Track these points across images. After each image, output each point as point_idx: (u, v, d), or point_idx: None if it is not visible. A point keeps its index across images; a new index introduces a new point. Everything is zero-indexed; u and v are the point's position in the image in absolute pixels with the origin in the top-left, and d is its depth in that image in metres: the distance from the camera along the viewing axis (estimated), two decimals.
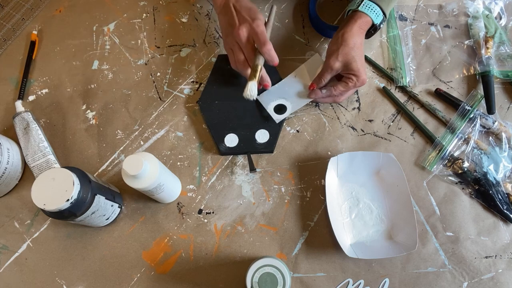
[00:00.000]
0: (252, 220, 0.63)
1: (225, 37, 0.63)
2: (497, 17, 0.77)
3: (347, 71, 0.63)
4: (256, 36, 0.58)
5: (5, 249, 0.62)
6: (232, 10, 0.61)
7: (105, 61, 0.74)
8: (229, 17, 0.61)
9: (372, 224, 0.62)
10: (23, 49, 0.75)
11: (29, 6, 0.79)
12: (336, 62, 0.63)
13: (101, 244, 0.62)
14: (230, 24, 0.61)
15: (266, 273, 0.49)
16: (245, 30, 0.59)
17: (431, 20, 0.77)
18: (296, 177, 0.66)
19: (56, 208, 0.48)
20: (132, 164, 0.50)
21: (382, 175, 0.64)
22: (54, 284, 0.60)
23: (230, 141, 0.67)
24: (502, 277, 0.59)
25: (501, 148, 0.66)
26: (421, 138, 0.68)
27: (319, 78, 0.66)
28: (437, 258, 0.60)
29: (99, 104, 0.71)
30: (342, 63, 0.63)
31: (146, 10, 0.79)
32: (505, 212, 0.62)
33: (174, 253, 0.61)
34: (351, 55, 0.62)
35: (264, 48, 0.58)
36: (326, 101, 0.68)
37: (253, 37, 0.59)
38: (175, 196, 0.64)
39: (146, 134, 0.69)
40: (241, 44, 0.60)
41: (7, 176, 0.62)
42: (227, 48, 0.64)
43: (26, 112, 0.66)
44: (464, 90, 0.71)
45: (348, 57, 0.62)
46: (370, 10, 0.63)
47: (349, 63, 0.62)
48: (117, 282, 0.60)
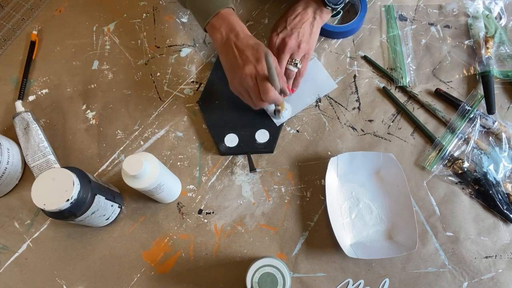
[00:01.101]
0: (252, 220, 0.63)
1: (231, 79, 0.60)
2: (497, 17, 0.77)
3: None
4: (260, 82, 0.56)
5: (5, 249, 0.62)
6: (234, 50, 0.58)
7: (105, 61, 0.74)
8: (231, 58, 0.58)
9: (372, 224, 0.62)
10: (23, 49, 0.75)
11: (29, 6, 0.79)
12: (275, 38, 0.64)
13: (101, 244, 0.62)
14: (232, 67, 0.58)
15: (266, 273, 0.49)
16: (250, 73, 0.56)
17: (431, 20, 0.77)
18: (296, 177, 0.66)
19: (56, 208, 0.48)
20: (132, 164, 0.50)
21: (382, 175, 0.64)
22: (54, 284, 0.60)
23: (230, 141, 0.67)
24: (502, 277, 0.59)
25: (501, 148, 0.65)
26: (421, 138, 0.68)
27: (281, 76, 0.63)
28: (437, 258, 0.60)
29: (99, 104, 0.71)
30: (280, 39, 0.63)
31: (146, 10, 0.79)
32: (505, 212, 0.62)
33: (174, 253, 0.61)
34: (289, 31, 0.62)
35: (264, 97, 0.56)
36: (299, 81, 0.67)
37: (257, 82, 0.56)
38: (175, 196, 0.64)
39: (146, 134, 0.69)
40: (250, 89, 0.57)
41: (7, 176, 0.62)
42: (235, 91, 0.61)
43: (26, 112, 0.66)
44: (464, 90, 0.71)
45: (287, 33, 0.63)
46: None
47: (286, 39, 0.62)
48: (117, 282, 0.60)
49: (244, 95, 0.60)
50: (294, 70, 0.63)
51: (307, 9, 0.65)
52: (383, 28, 0.77)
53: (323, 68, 0.72)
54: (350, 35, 0.76)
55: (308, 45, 0.64)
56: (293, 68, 0.63)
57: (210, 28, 0.61)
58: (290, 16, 0.65)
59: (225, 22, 0.59)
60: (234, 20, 0.60)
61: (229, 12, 0.60)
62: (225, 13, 0.60)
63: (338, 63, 0.74)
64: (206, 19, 0.60)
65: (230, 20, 0.59)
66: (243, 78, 0.56)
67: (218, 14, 0.59)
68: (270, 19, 0.78)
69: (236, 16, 0.61)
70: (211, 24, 0.60)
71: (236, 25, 0.59)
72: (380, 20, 0.77)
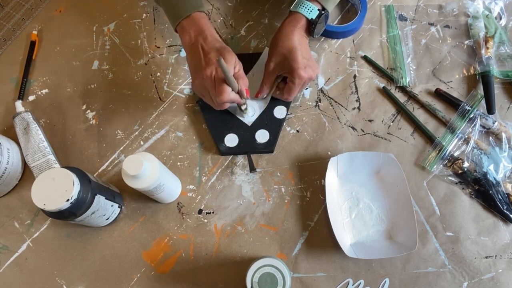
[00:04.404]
0: (252, 220, 0.63)
1: (193, 79, 0.61)
2: (497, 17, 0.77)
3: (284, 70, 0.64)
4: (216, 83, 0.57)
5: (5, 249, 0.62)
6: (200, 52, 0.59)
7: (105, 61, 0.74)
8: (196, 60, 0.59)
9: (372, 224, 0.62)
10: (23, 49, 0.75)
11: (29, 6, 0.79)
12: (269, 64, 0.65)
13: (101, 244, 0.62)
14: (195, 67, 0.59)
15: (266, 273, 0.49)
16: (211, 75, 0.57)
17: (431, 20, 0.77)
18: (296, 177, 0.66)
19: (56, 208, 0.48)
20: (132, 164, 0.50)
21: (382, 175, 0.64)
22: (54, 284, 0.60)
23: (230, 141, 0.67)
24: (502, 277, 0.59)
25: (501, 148, 0.65)
26: (421, 138, 0.68)
27: (262, 85, 0.67)
28: (437, 258, 0.60)
29: (99, 104, 0.71)
30: (275, 64, 0.64)
31: (146, 10, 0.79)
32: (505, 212, 0.62)
33: (174, 253, 0.61)
34: (281, 54, 0.63)
35: (218, 99, 0.57)
36: (282, 98, 0.68)
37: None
38: (175, 196, 0.64)
39: (146, 134, 0.69)
40: (209, 89, 0.58)
41: (7, 176, 0.62)
42: (196, 90, 0.62)
43: (26, 112, 0.66)
44: (464, 90, 0.71)
45: (279, 57, 0.63)
46: (302, 7, 0.64)
47: (281, 62, 0.63)
48: (117, 282, 0.60)
49: (205, 95, 0.61)
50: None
51: (302, 36, 0.65)
52: (383, 28, 0.77)
53: None
54: (350, 35, 0.76)
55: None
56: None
57: (180, 29, 0.62)
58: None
59: (195, 25, 0.61)
60: (204, 24, 0.61)
61: (201, 16, 0.62)
62: (196, 17, 0.61)
63: (338, 63, 0.74)
64: (177, 20, 0.62)
65: (201, 23, 0.61)
66: (204, 79, 0.58)
67: (190, 16, 0.61)
68: (270, 19, 0.78)
69: (207, 20, 0.62)
70: (182, 25, 0.62)
71: (206, 28, 0.61)
72: (380, 20, 0.78)
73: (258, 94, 0.67)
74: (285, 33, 0.63)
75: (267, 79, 0.66)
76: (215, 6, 0.79)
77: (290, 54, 0.62)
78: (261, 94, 0.67)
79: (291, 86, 0.64)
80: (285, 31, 0.63)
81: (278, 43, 0.63)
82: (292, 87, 0.64)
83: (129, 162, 0.50)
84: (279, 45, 0.63)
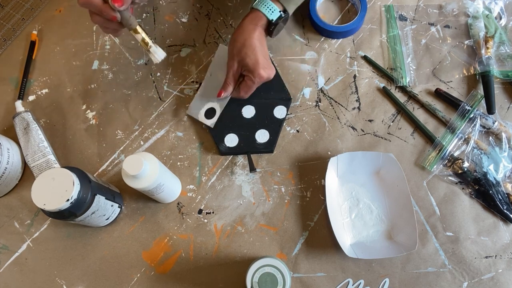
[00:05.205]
0: (252, 220, 0.63)
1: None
2: (497, 17, 0.77)
3: (244, 68, 0.64)
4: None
5: (5, 249, 0.62)
6: None
7: (105, 61, 0.74)
8: None
9: (372, 224, 0.62)
10: (23, 49, 0.75)
11: (29, 6, 0.79)
12: (231, 62, 0.64)
13: (101, 244, 0.62)
14: None
15: (266, 273, 0.49)
16: None
17: (431, 20, 0.77)
18: (296, 177, 0.66)
19: (56, 208, 0.48)
20: (132, 164, 0.50)
21: (382, 175, 0.64)
22: (54, 284, 0.60)
23: (230, 141, 0.67)
24: (502, 277, 0.59)
25: (501, 148, 0.65)
26: (421, 138, 0.68)
27: (226, 84, 0.66)
28: (437, 258, 0.60)
29: (99, 104, 0.71)
30: (237, 62, 0.64)
31: (146, 10, 0.79)
32: (505, 212, 0.62)
33: (174, 253, 0.61)
34: (243, 53, 0.62)
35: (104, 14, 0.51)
36: (238, 97, 0.68)
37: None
38: (175, 196, 0.64)
39: (146, 134, 0.69)
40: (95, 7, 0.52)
41: (7, 176, 0.62)
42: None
43: (26, 112, 0.66)
44: (464, 90, 0.71)
45: (241, 55, 0.63)
46: (263, 6, 0.63)
47: (242, 60, 0.63)
48: (117, 282, 0.60)
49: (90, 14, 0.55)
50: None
51: (262, 35, 0.65)
52: (383, 28, 0.77)
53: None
54: (350, 35, 0.76)
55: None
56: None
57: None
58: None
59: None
60: None
61: None
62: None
63: (338, 63, 0.74)
64: None
65: None
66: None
67: None
68: None
69: None
70: None
71: None
72: (380, 20, 0.77)
73: (222, 93, 0.66)
74: (247, 31, 0.63)
75: (231, 78, 0.66)
76: (215, 6, 0.79)
77: (252, 53, 0.62)
78: (225, 94, 0.67)
79: (250, 85, 0.64)
80: (247, 29, 0.63)
81: (240, 41, 0.63)
82: (251, 85, 0.64)
83: (129, 162, 0.50)
84: (241, 43, 0.62)
